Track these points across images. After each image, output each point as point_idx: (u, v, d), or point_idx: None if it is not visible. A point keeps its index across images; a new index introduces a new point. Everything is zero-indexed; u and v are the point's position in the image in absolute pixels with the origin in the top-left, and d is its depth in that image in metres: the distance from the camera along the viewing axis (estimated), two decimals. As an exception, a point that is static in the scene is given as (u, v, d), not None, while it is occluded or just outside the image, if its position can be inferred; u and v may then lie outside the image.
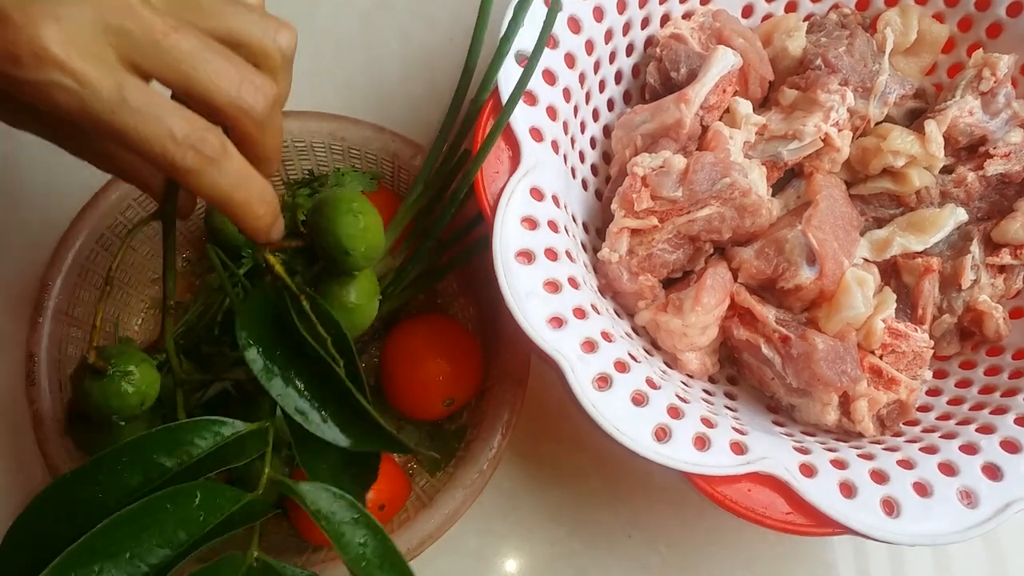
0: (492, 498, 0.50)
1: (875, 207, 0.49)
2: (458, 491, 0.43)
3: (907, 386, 0.43)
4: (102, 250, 0.48)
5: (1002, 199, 0.49)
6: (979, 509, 0.37)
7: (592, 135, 0.49)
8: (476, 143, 0.41)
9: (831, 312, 0.44)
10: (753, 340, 0.44)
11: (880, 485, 0.38)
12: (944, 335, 0.48)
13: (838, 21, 0.51)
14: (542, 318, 0.38)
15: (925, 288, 0.46)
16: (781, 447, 0.40)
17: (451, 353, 0.47)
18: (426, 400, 0.47)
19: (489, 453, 0.44)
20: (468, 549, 0.50)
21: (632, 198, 0.43)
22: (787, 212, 0.48)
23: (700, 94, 0.45)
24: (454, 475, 0.44)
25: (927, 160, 0.47)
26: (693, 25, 0.49)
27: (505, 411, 0.45)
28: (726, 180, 0.43)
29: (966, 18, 0.51)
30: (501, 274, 0.38)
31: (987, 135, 0.48)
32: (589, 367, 0.38)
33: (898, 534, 0.37)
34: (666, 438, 0.37)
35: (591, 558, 0.51)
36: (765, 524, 0.37)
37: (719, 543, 0.51)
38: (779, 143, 0.46)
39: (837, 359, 0.42)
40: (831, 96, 0.45)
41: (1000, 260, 0.47)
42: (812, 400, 0.43)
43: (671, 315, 0.44)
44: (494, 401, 0.46)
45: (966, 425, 0.43)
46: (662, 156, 0.43)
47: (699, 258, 0.46)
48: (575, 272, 0.41)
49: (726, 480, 0.37)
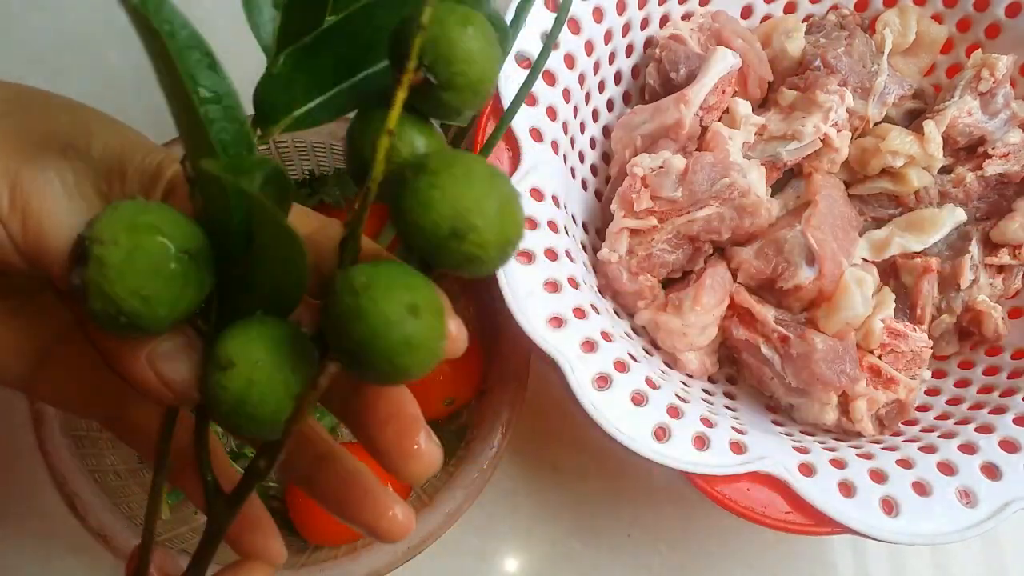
0: (492, 498, 0.51)
1: (874, 207, 0.49)
2: (458, 491, 0.43)
3: (906, 386, 0.43)
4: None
5: (1001, 199, 0.49)
6: (978, 508, 0.37)
7: (592, 135, 0.49)
8: (476, 144, 0.41)
9: (830, 312, 0.44)
10: (752, 340, 0.44)
11: (879, 484, 0.38)
12: (943, 335, 0.48)
13: (837, 22, 0.51)
14: (542, 318, 0.38)
15: (924, 288, 0.46)
16: (780, 446, 0.41)
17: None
18: (426, 400, 0.47)
19: (489, 453, 0.44)
20: (468, 549, 0.50)
21: (632, 198, 0.43)
22: (786, 212, 0.48)
23: (699, 95, 0.45)
24: (454, 475, 0.44)
25: (926, 160, 0.47)
26: (692, 26, 0.49)
27: (505, 411, 0.45)
28: (725, 180, 0.43)
29: (965, 19, 0.52)
30: (501, 274, 0.38)
31: (986, 135, 0.48)
32: (589, 367, 0.38)
33: (897, 533, 0.37)
34: (666, 438, 0.38)
35: (591, 558, 0.51)
36: (764, 523, 0.37)
37: (719, 543, 0.51)
38: (778, 143, 0.47)
39: (836, 359, 0.42)
40: (830, 97, 0.45)
41: (999, 260, 0.47)
42: (811, 400, 0.43)
43: (671, 315, 0.44)
44: (494, 401, 0.46)
45: (965, 425, 0.43)
46: (662, 156, 0.44)
47: (698, 258, 0.46)
48: (575, 272, 0.41)
49: (725, 479, 0.38)
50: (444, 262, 0.20)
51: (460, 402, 0.48)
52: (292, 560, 0.44)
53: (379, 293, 0.18)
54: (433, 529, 0.42)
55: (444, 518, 0.42)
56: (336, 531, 0.45)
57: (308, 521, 0.45)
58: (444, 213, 0.18)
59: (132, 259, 0.18)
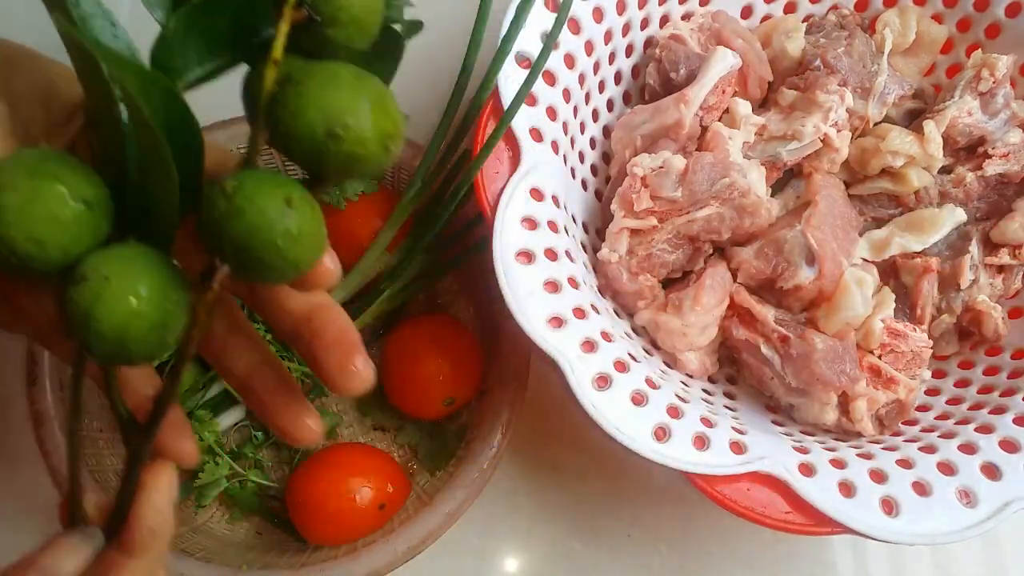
0: (492, 498, 0.51)
1: (874, 207, 0.49)
2: (459, 490, 0.43)
3: (906, 386, 0.43)
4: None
5: (1001, 199, 0.49)
6: (978, 508, 0.37)
7: (592, 135, 0.49)
8: (476, 144, 0.41)
9: (830, 312, 0.44)
10: (752, 340, 0.44)
11: (879, 484, 0.38)
12: (943, 335, 0.48)
13: (837, 22, 0.51)
14: (542, 318, 0.38)
15: (924, 288, 0.46)
16: (780, 446, 0.41)
17: (451, 353, 0.47)
18: (426, 399, 0.48)
19: (489, 452, 0.44)
20: (469, 548, 0.50)
21: (632, 198, 0.43)
22: (786, 212, 0.48)
23: (699, 95, 0.45)
24: (454, 474, 0.44)
25: (926, 160, 0.47)
26: (692, 26, 0.49)
27: (505, 410, 0.45)
28: (725, 180, 0.43)
29: (965, 19, 0.52)
30: (501, 274, 0.38)
31: (986, 135, 0.48)
32: (589, 367, 0.38)
33: (897, 533, 0.37)
34: (666, 438, 0.38)
35: (591, 558, 0.51)
36: (764, 523, 0.37)
37: (719, 542, 0.51)
38: (778, 143, 0.47)
39: (836, 359, 0.42)
40: (830, 97, 0.45)
41: (999, 260, 0.47)
42: (811, 400, 0.43)
43: (671, 315, 0.44)
44: (494, 400, 0.46)
45: (965, 425, 0.43)
46: (662, 156, 0.44)
47: (698, 258, 0.46)
48: (575, 272, 0.41)
49: (725, 479, 0.38)
50: (329, 167, 0.20)
51: (460, 402, 0.48)
52: (292, 560, 0.44)
53: (252, 191, 0.19)
54: (433, 529, 0.42)
55: (444, 518, 0.43)
56: (336, 531, 0.45)
57: (308, 521, 0.45)
58: (315, 118, 0.19)
59: (30, 204, 0.19)
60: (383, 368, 0.50)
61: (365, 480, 0.44)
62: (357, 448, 0.49)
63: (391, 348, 0.49)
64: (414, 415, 0.49)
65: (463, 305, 0.53)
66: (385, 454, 0.48)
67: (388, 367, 0.49)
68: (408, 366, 0.48)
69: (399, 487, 0.46)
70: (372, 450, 0.48)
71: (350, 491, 0.44)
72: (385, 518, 0.45)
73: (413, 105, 0.59)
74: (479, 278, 0.50)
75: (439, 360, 0.47)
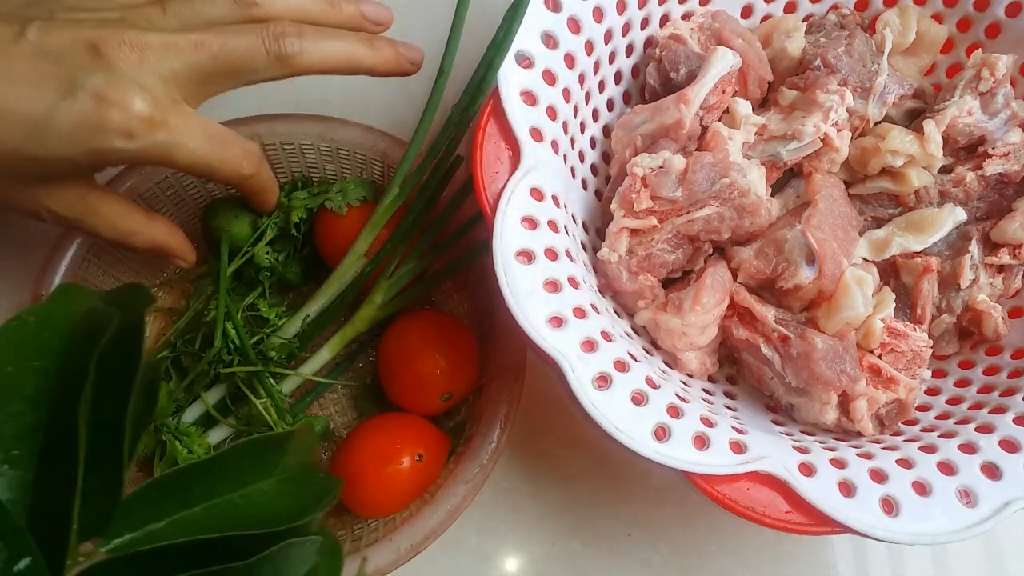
0: (492, 497, 0.51)
1: (874, 207, 0.49)
2: (459, 487, 0.43)
3: (906, 385, 0.43)
4: (94, 259, 0.48)
5: (1001, 199, 0.49)
6: (978, 508, 0.37)
7: (592, 135, 0.49)
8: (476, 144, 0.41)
9: (830, 312, 0.44)
10: (752, 339, 0.44)
11: (879, 484, 0.38)
12: (943, 334, 0.48)
13: (837, 22, 0.51)
14: (542, 318, 0.38)
15: (924, 288, 0.46)
16: (780, 446, 0.41)
17: (447, 348, 0.47)
18: (424, 395, 0.48)
19: (489, 447, 0.44)
20: (469, 547, 0.50)
21: (632, 198, 0.43)
22: (786, 212, 0.48)
23: (699, 94, 0.45)
24: (455, 471, 0.44)
25: (926, 160, 0.47)
26: (692, 26, 0.50)
27: (503, 405, 0.45)
28: (725, 180, 0.43)
29: (965, 18, 0.52)
30: (501, 274, 0.38)
31: (986, 135, 0.48)
32: (589, 367, 0.38)
33: (897, 533, 0.37)
34: (666, 437, 0.38)
35: (591, 557, 0.51)
36: (764, 523, 0.37)
37: (719, 542, 0.51)
38: (778, 143, 0.47)
39: (836, 358, 0.42)
40: (830, 96, 0.45)
41: (999, 260, 0.47)
42: (811, 399, 0.43)
43: (671, 315, 0.44)
44: (492, 396, 0.46)
45: (965, 424, 0.43)
46: (662, 156, 0.44)
47: (698, 258, 0.46)
48: (575, 272, 0.41)
49: (726, 479, 0.38)
50: None
51: (458, 397, 0.48)
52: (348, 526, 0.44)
53: None
54: (435, 526, 0.42)
55: (446, 514, 0.43)
56: (384, 498, 0.45)
57: (356, 496, 0.45)
58: None
59: None
60: (380, 365, 0.50)
61: (400, 444, 0.45)
62: (380, 420, 0.49)
63: (388, 345, 0.49)
64: (413, 411, 0.49)
65: (458, 301, 0.53)
66: (408, 416, 0.48)
67: (385, 363, 0.49)
68: (405, 362, 0.48)
69: (435, 442, 0.46)
70: (395, 417, 0.48)
71: (389, 456, 0.44)
72: (424, 471, 0.45)
73: (400, 105, 0.59)
74: (474, 274, 0.50)
75: (436, 355, 0.47)
